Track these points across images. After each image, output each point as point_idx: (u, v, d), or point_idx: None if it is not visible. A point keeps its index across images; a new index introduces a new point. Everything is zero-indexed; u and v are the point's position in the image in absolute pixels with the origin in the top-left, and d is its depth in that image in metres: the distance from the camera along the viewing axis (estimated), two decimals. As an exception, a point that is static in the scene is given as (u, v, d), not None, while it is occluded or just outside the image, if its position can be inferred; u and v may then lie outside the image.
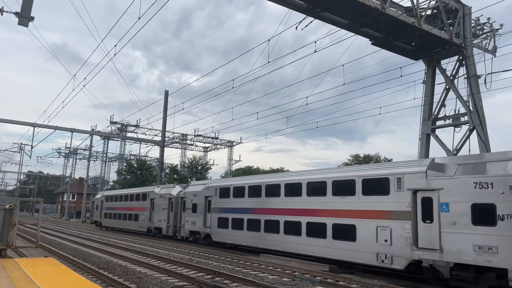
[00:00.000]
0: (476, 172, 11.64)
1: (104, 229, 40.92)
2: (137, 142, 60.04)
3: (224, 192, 22.66)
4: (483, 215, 11.20)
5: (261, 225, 19.25)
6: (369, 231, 14.01)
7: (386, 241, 13.44)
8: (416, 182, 12.96)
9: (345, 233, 14.82)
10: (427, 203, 12.65)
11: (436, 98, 24.84)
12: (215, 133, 60.39)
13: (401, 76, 22.70)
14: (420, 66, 34.62)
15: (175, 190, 28.71)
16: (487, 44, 24.49)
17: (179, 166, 64.54)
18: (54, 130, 44.42)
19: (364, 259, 14.08)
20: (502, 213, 10.80)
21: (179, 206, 27.46)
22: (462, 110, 23.44)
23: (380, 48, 24.17)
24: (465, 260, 11.31)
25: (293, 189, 17.79)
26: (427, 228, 12.43)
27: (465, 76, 23.29)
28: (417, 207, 12.84)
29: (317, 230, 16.10)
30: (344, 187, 15.31)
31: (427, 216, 12.56)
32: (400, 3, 21.81)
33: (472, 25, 24.31)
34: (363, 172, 15.04)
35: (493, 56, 23.61)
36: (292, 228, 17.33)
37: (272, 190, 19.10)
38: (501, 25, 24.68)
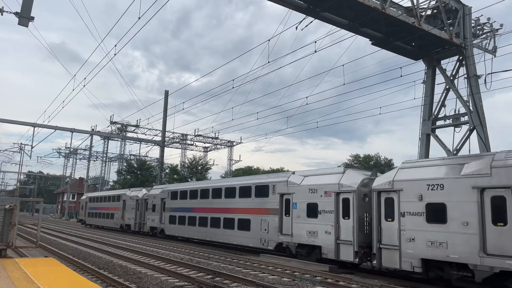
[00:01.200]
0: (311, 181, 16.89)
1: (88, 226, 46.33)
2: (137, 142, 60.07)
3: (173, 195, 27.93)
4: (312, 211, 16.35)
5: (196, 221, 24.60)
6: (257, 223, 19.54)
7: (265, 230, 18.98)
8: (282, 188, 18.30)
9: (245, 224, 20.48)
10: (287, 203, 17.98)
11: (436, 98, 24.86)
12: (215, 133, 60.45)
13: (401, 76, 22.71)
14: (420, 66, 34.64)
15: (141, 193, 33.54)
16: (487, 44, 24.50)
17: (179, 166, 64.57)
18: (54, 130, 44.47)
19: (254, 243, 19.55)
20: (321, 209, 15.98)
21: (143, 206, 32.51)
22: (462, 110, 23.44)
23: (379, 48, 24.17)
24: (303, 241, 16.68)
25: (215, 193, 23.29)
26: (286, 220, 17.90)
27: (465, 76, 23.28)
28: (282, 205, 18.26)
29: (229, 224, 21.61)
30: (245, 191, 20.91)
31: (287, 211, 17.92)
32: (400, 3, 21.81)
33: (472, 25, 24.30)
34: (256, 181, 20.73)
35: (493, 56, 23.62)
36: (214, 223, 22.86)
37: (204, 193, 24.39)
38: (501, 25, 24.70)
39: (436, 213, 11.99)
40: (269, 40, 20.38)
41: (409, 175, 13.12)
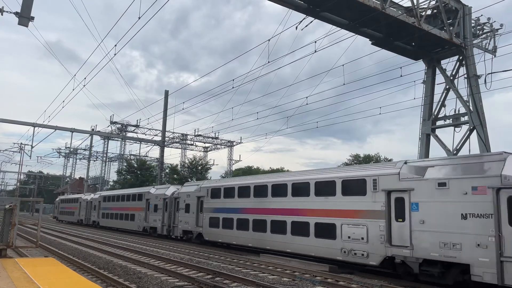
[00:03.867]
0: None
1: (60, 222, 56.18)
2: (137, 142, 60.02)
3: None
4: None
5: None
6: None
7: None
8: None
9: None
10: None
11: (436, 98, 24.85)
12: (215, 133, 60.39)
13: (401, 76, 22.71)
14: (420, 66, 34.67)
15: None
16: (487, 44, 24.48)
17: (179, 166, 64.56)
18: (54, 130, 44.43)
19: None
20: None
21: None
22: (462, 110, 23.42)
23: (378, 48, 24.16)
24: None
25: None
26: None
27: (465, 76, 23.27)
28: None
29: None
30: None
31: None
32: (400, 3, 21.79)
33: (472, 25, 24.29)
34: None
35: (493, 56, 23.61)
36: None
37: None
38: (501, 25, 24.68)
39: None
40: (269, 40, 20.39)
41: None
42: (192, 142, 64.07)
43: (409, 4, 21.46)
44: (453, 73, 24.08)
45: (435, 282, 12.19)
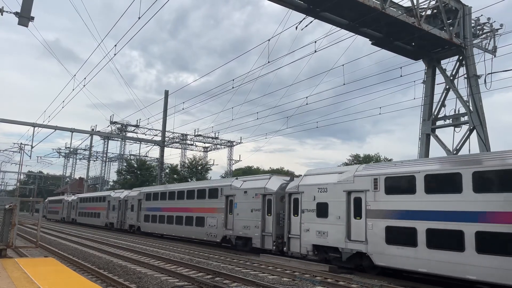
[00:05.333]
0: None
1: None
2: (137, 142, 60.03)
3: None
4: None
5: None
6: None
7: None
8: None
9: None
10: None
11: (436, 98, 24.86)
12: (215, 133, 60.37)
13: (401, 76, 22.71)
14: (420, 66, 34.65)
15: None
16: (487, 44, 24.49)
17: (179, 166, 64.53)
18: (54, 130, 44.43)
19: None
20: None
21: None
22: (462, 110, 23.43)
23: (377, 48, 24.18)
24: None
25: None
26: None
27: (465, 76, 23.28)
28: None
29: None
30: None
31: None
32: (400, 3, 21.80)
33: (472, 25, 24.29)
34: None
35: (493, 56, 23.61)
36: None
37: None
38: (501, 25, 24.68)
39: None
40: (269, 40, 20.40)
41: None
42: (192, 142, 64.10)
43: (409, 4, 21.47)
44: (453, 73, 24.08)
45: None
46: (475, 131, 22.66)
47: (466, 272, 11.24)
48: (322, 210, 15.94)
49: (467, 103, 23.11)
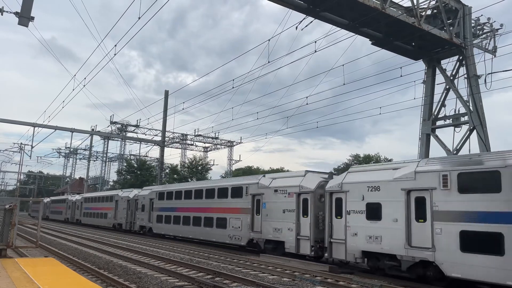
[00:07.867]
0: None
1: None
2: (137, 142, 60.04)
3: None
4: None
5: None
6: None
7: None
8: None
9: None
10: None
11: (436, 98, 24.84)
12: (215, 133, 60.36)
13: (401, 76, 22.71)
14: (420, 66, 34.63)
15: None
16: (487, 44, 24.48)
17: (179, 166, 64.52)
18: (54, 130, 44.43)
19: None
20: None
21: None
22: (462, 110, 23.42)
23: (378, 48, 24.16)
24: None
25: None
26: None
27: (465, 76, 23.27)
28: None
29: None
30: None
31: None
32: (400, 3, 21.79)
33: (472, 25, 24.28)
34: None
35: (493, 56, 23.60)
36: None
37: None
38: (501, 25, 24.67)
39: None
40: (269, 40, 20.40)
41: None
42: (192, 142, 64.09)
43: (409, 4, 21.46)
44: (453, 73, 24.07)
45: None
46: (475, 131, 22.65)
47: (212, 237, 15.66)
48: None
49: (467, 103, 23.11)
